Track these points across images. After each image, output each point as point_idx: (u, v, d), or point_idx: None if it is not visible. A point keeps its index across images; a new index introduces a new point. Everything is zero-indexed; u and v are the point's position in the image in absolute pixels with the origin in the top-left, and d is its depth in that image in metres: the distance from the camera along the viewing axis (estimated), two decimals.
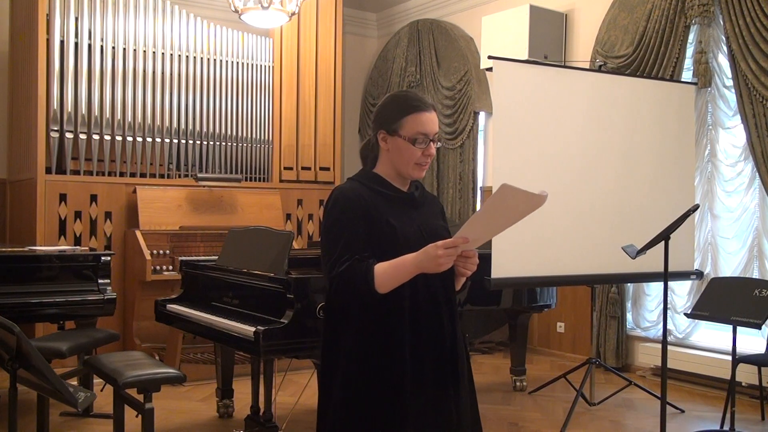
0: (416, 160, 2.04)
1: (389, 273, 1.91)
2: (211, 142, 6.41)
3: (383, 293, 1.92)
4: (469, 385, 2.16)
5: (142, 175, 6.06)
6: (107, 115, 5.93)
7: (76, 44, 5.79)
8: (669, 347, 5.40)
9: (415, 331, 2.01)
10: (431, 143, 2.05)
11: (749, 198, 5.03)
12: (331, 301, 2.06)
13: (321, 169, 7.02)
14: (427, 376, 2.01)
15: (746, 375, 4.63)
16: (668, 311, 5.53)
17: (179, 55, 6.26)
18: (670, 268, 3.62)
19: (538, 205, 1.85)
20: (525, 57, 5.71)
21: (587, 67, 5.53)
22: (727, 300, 4.16)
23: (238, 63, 6.56)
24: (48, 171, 5.66)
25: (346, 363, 2.01)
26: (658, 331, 5.46)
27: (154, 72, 6.13)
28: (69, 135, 5.74)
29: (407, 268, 1.91)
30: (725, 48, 4.99)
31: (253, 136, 6.65)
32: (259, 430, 3.88)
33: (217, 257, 4.17)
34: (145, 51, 6.09)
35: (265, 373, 3.86)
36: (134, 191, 5.88)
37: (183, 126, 6.27)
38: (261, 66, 6.70)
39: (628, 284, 5.65)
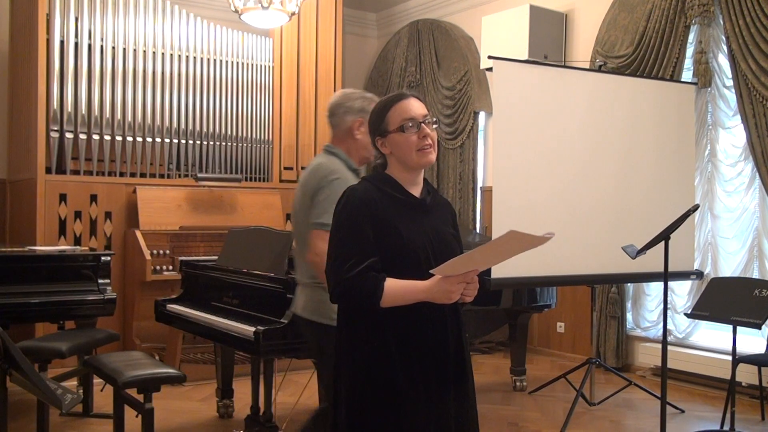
0: (416, 146, 2.03)
1: (398, 295, 1.93)
2: (211, 142, 6.41)
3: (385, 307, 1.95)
4: (472, 387, 2.16)
5: (142, 175, 6.06)
6: (107, 115, 5.93)
7: (76, 44, 5.79)
8: (669, 347, 5.39)
9: (418, 336, 2.01)
10: (422, 125, 2.04)
11: (749, 198, 5.03)
12: (334, 301, 2.06)
13: None
14: (430, 379, 2.02)
15: (746, 375, 4.63)
16: (668, 311, 5.54)
17: (179, 55, 6.25)
18: (670, 268, 3.62)
19: (541, 243, 1.88)
20: (525, 57, 5.71)
21: (587, 67, 5.54)
22: (727, 300, 4.16)
23: (238, 63, 6.56)
24: (48, 171, 5.65)
25: (351, 364, 2.03)
26: (658, 331, 5.46)
27: (154, 72, 6.13)
28: (69, 135, 5.74)
29: (417, 295, 1.93)
30: (725, 48, 5.00)
31: (253, 136, 6.65)
32: (259, 430, 3.88)
33: (217, 257, 4.17)
34: (145, 51, 6.09)
35: (265, 373, 3.86)
36: (134, 191, 5.88)
37: (183, 126, 6.26)
38: (261, 66, 6.70)
39: (628, 284, 5.65)
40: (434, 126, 2.08)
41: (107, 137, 5.93)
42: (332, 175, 2.63)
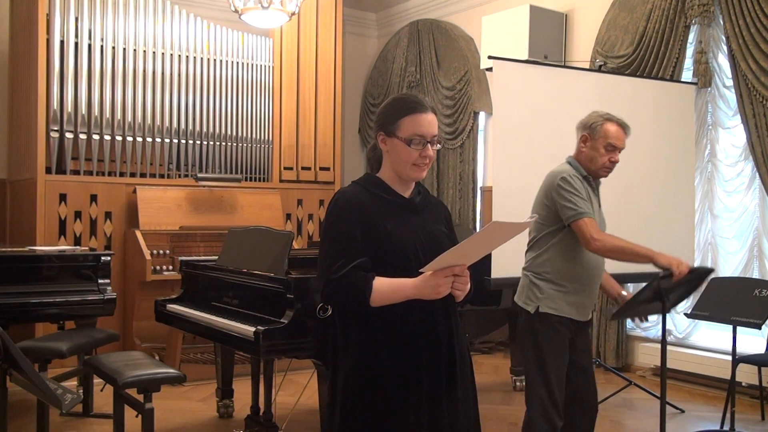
0: (413, 161, 2.03)
1: (386, 294, 1.95)
2: (211, 142, 6.41)
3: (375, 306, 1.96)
4: (471, 387, 2.17)
5: (142, 175, 6.06)
6: (107, 115, 5.93)
7: (76, 44, 5.79)
8: (669, 347, 5.37)
9: (407, 335, 2.01)
10: (428, 145, 2.04)
11: (749, 198, 5.03)
12: (324, 301, 2.07)
13: (321, 169, 7.02)
14: (422, 379, 2.02)
15: (746, 375, 4.62)
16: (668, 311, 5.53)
17: (179, 55, 6.25)
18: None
19: (522, 230, 1.97)
20: (525, 57, 5.70)
21: (587, 67, 5.54)
22: (727, 300, 4.16)
23: (238, 63, 6.56)
24: (48, 171, 5.65)
25: (345, 362, 2.04)
26: (658, 331, 5.45)
27: (154, 72, 6.13)
28: (69, 135, 5.74)
29: (405, 292, 1.94)
30: (725, 48, 5.00)
31: (253, 136, 6.65)
32: (259, 430, 3.88)
33: (217, 257, 4.17)
34: (145, 51, 6.09)
35: (265, 373, 3.86)
36: (134, 191, 5.88)
37: (183, 126, 6.26)
38: (261, 66, 6.70)
39: (628, 284, 5.64)
40: (437, 146, 2.08)
41: (107, 137, 5.93)
42: (558, 177, 3.02)
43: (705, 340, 5.30)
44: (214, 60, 6.43)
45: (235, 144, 6.54)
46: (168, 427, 4.19)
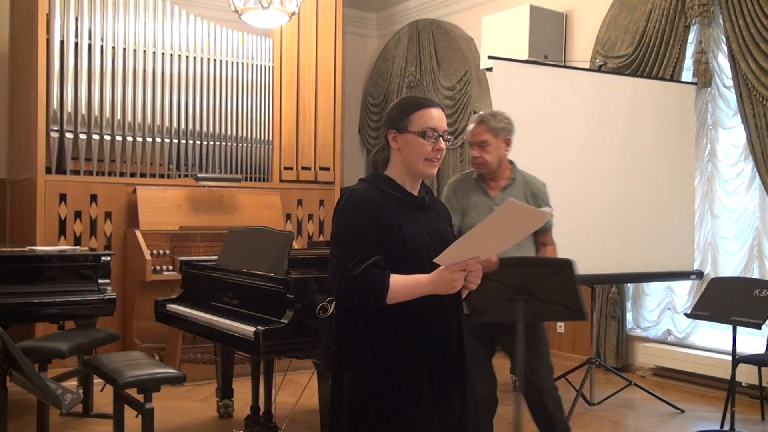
0: (426, 155, 2.06)
1: (403, 291, 1.96)
2: (211, 142, 6.40)
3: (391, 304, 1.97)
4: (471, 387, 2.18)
5: (142, 175, 6.06)
6: (107, 115, 5.93)
7: (76, 44, 5.79)
8: (669, 347, 5.41)
9: (423, 334, 2.03)
10: (440, 138, 2.07)
11: (749, 198, 5.03)
12: (341, 301, 2.08)
13: (321, 169, 7.01)
14: (434, 377, 2.03)
15: (746, 375, 4.62)
16: (668, 311, 5.55)
17: (179, 55, 6.25)
18: (671, 268, 3.62)
19: (539, 222, 1.95)
20: (525, 57, 5.71)
21: (587, 67, 5.54)
22: (727, 300, 4.16)
23: (238, 63, 6.55)
24: (48, 171, 5.65)
25: (355, 362, 2.04)
26: (658, 331, 5.47)
27: (154, 72, 6.13)
28: (69, 135, 5.74)
29: (421, 288, 1.96)
30: (725, 48, 5.00)
31: (253, 136, 6.65)
32: (259, 430, 3.88)
33: (217, 257, 4.17)
34: (145, 51, 6.08)
35: (265, 373, 3.86)
36: (134, 191, 5.88)
37: (183, 126, 6.26)
38: (261, 66, 6.70)
39: (628, 284, 5.65)
40: (447, 142, 2.11)
41: (107, 137, 5.93)
42: None
43: (705, 340, 5.30)
44: (214, 60, 6.43)
45: (235, 144, 6.54)
46: (168, 427, 4.20)
